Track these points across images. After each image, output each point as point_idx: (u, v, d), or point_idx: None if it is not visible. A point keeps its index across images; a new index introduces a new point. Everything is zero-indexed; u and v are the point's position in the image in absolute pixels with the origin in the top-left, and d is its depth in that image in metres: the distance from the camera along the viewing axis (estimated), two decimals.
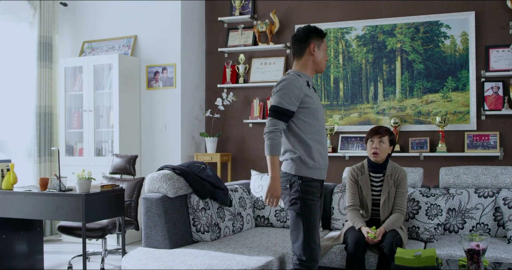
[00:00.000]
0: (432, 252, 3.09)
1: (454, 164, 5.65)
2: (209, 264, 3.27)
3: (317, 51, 3.39)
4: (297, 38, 3.41)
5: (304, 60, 3.40)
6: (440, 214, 4.03)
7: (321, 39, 3.42)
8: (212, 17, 6.96)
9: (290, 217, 3.27)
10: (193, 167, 4.14)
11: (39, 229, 5.09)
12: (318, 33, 3.41)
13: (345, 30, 6.29)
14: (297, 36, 3.41)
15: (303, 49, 3.38)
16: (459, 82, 5.83)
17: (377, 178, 4.04)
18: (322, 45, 3.42)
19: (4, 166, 4.86)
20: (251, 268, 3.26)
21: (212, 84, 6.94)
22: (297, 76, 3.28)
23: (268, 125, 3.19)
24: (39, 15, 6.48)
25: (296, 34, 3.42)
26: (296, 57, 3.43)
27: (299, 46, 3.39)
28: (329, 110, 6.34)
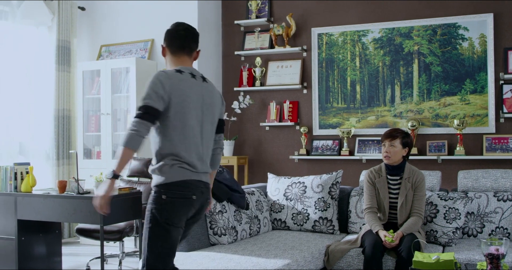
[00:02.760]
0: (450, 256, 3.06)
1: (472, 167, 5.60)
2: (226, 267, 3.27)
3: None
4: (194, 36, 3.08)
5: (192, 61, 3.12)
6: (459, 218, 3.99)
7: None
8: (229, 20, 6.98)
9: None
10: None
11: (57, 231, 5.13)
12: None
13: (361, 32, 6.27)
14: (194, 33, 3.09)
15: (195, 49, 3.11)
16: (477, 84, 5.78)
17: (395, 181, 4.02)
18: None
19: (23, 168, 4.91)
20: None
21: (229, 87, 6.95)
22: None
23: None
24: (57, 19, 6.55)
25: (192, 30, 3.08)
26: (189, 56, 3.07)
27: (195, 45, 3.09)
28: (346, 113, 6.32)
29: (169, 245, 2.87)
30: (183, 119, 2.90)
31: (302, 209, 4.47)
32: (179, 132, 2.89)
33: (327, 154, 6.33)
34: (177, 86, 2.89)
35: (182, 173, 2.87)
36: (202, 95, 2.99)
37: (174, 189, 2.85)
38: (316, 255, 3.82)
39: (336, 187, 4.48)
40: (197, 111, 2.95)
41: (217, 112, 3.09)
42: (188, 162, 2.89)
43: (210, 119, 3.02)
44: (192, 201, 2.89)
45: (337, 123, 6.36)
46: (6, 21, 6.09)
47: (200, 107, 2.97)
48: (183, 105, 2.89)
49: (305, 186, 4.53)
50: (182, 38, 3.03)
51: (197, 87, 2.97)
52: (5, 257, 4.77)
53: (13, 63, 6.14)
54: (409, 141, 4.01)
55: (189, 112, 2.91)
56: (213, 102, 3.05)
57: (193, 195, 2.89)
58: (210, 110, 3.02)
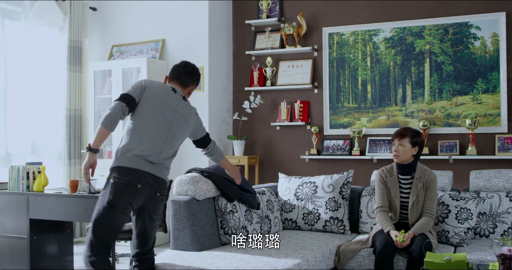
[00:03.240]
0: (462, 256, 3.05)
1: (484, 167, 5.55)
2: (236, 266, 3.27)
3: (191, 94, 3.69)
4: (194, 72, 3.64)
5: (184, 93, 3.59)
6: (471, 218, 3.97)
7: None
8: (239, 20, 6.98)
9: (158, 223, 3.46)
10: (221, 169, 4.15)
11: (69, 230, 5.16)
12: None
13: (373, 32, 6.25)
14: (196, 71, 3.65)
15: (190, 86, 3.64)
16: (489, 84, 5.75)
17: (406, 180, 4.00)
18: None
19: (35, 168, 4.95)
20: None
21: (240, 87, 6.95)
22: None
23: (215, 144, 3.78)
24: (69, 20, 6.58)
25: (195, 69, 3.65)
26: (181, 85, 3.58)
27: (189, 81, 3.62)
28: (357, 113, 6.31)
29: (110, 228, 3.15)
30: (151, 113, 3.30)
31: (313, 209, 4.46)
32: (143, 125, 3.28)
33: (338, 153, 6.32)
34: (154, 89, 3.38)
35: (133, 161, 3.19)
36: (177, 105, 3.42)
37: (122, 174, 3.16)
38: (327, 255, 3.82)
39: (347, 187, 4.47)
40: (171, 113, 3.37)
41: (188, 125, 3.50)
42: (143, 154, 3.21)
43: (179, 126, 3.42)
44: (136, 189, 3.16)
45: (348, 123, 6.35)
46: (18, 22, 6.13)
47: (174, 111, 3.39)
48: (155, 102, 3.33)
49: (316, 186, 4.52)
50: (178, 72, 3.59)
51: (173, 98, 3.42)
52: (17, 256, 4.81)
53: (25, 64, 6.17)
54: (419, 140, 3.98)
55: (161, 110, 3.33)
56: (185, 114, 3.46)
57: (138, 184, 3.17)
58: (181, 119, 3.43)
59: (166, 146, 3.35)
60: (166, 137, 3.35)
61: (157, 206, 3.34)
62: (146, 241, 3.42)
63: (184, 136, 3.53)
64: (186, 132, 3.53)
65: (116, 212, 3.14)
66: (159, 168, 3.30)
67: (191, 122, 3.54)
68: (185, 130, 3.50)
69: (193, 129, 3.59)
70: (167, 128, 3.35)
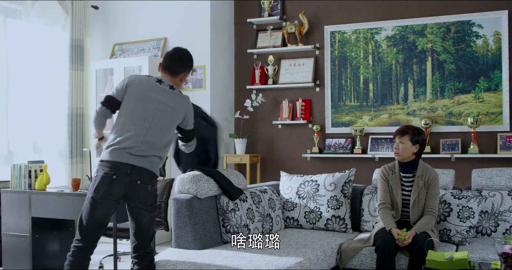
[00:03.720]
0: (464, 255, 3.04)
1: (486, 165, 5.55)
2: (238, 265, 3.27)
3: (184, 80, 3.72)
4: (184, 58, 3.64)
5: (175, 81, 3.63)
6: (472, 217, 3.96)
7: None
8: (241, 18, 6.98)
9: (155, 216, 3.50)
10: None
11: (71, 229, 5.17)
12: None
13: (374, 30, 6.25)
14: (185, 56, 3.65)
15: (181, 72, 3.65)
16: (491, 82, 5.74)
17: (408, 178, 4.00)
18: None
19: (37, 166, 4.95)
20: (280, 268, 3.26)
21: (241, 85, 6.95)
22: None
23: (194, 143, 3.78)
24: (71, 18, 6.58)
25: (184, 53, 3.65)
26: (171, 74, 3.62)
27: (180, 67, 3.63)
28: (359, 111, 6.31)
29: (93, 219, 3.32)
30: (131, 107, 3.43)
31: (315, 207, 4.46)
32: (124, 120, 3.42)
33: (340, 152, 6.32)
34: (137, 83, 3.49)
35: (112, 154, 3.34)
36: (161, 95, 3.47)
37: (103, 167, 3.34)
38: (329, 253, 3.82)
39: (348, 185, 4.47)
40: (152, 104, 3.43)
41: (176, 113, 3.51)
42: (123, 147, 3.33)
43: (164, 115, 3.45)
44: (112, 180, 3.29)
45: (349, 122, 6.35)
46: (20, 21, 6.14)
47: (157, 102, 3.45)
48: (135, 96, 3.44)
49: (318, 184, 4.52)
50: (169, 61, 3.61)
51: (157, 89, 3.48)
52: (19, 254, 4.81)
53: (27, 62, 6.17)
54: (420, 138, 3.97)
55: (142, 103, 3.42)
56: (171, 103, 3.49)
57: (113, 175, 3.30)
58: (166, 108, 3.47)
59: (150, 138, 3.40)
60: (148, 130, 3.41)
61: (140, 194, 3.35)
62: (140, 232, 3.44)
63: (173, 124, 3.54)
64: (175, 120, 3.54)
65: (97, 203, 3.32)
66: (141, 159, 3.36)
67: (180, 110, 3.54)
68: (174, 118, 3.52)
69: (185, 117, 3.60)
70: (149, 121, 3.42)
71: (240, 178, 4.34)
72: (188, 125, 3.64)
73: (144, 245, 3.47)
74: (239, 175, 4.38)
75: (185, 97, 3.63)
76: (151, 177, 3.42)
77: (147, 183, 3.38)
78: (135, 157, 3.34)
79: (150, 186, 3.40)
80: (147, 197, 3.40)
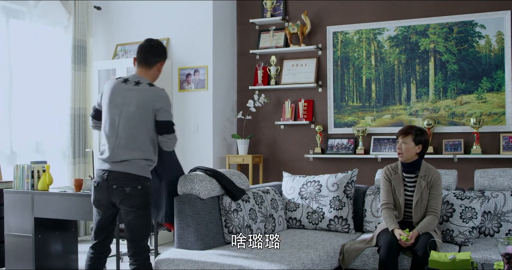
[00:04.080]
0: (467, 255, 3.04)
1: (489, 166, 5.54)
2: (240, 265, 3.27)
3: (161, 70, 3.71)
4: (155, 50, 3.64)
5: (150, 73, 3.63)
6: (475, 217, 3.96)
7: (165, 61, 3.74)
8: (244, 19, 6.98)
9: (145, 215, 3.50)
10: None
11: (73, 229, 5.17)
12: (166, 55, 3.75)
13: (377, 31, 6.25)
14: (156, 47, 3.65)
15: (156, 63, 3.64)
16: (494, 83, 5.73)
17: (410, 178, 4.00)
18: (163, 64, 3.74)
19: (40, 167, 4.95)
20: (282, 269, 3.26)
21: (244, 86, 6.95)
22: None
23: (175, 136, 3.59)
24: (73, 19, 6.59)
25: (154, 45, 3.66)
26: (144, 66, 3.62)
27: (153, 58, 3.63)
28: (361, 111, 6.30)
29: (95, 222, 3.60)
30: (104, 117, 3.55)
31: (317, 208, 4.46)
32: (103, 129, 3.56)
33: (342, 152, 6.31)
34: (106, 90, 3.58)
35: (97, 164, 3.56)
36: (124, 96, 3.50)
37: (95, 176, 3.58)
38: (331, 254, 3.81)
39: (351, 186, 4.47)
40: (116, 109, 3.49)
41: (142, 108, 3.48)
42: (104, 157, 3.48)
43: (128, 115, 3.48)
44: (96, 187, 3.50)
45: (352, 122, 6.34)
46: (23, 21, 6.15)
47: (121, 106, 3.49)
48: (105, 105, 3.55)
49: (320, 185, 4.52)
50: (143, 53, 3.63)
51: (121, 90, 3.52)
52: (22, 255, 4.82)
53: (29, 63, 6.18)
54: (423, 139, 3.97)
55: (109, 111, 3.52)
56: (135, 99, 3.48)
57: (95, 182, 3.50)
58: (130, 108, 3.47)
59: (122, 142, 3.47)
60: (118, 135, 3.48)
61: (118, 196, 3.44)
62: (128, 232, 3.51)
63: (144, 120, 3.49)
64: (144, 116, 3.49)
65: (94, 208, 3.58)
66: (119, 165, 3.45)
67: (146, 103, 3.48)
68: (141, 115, 3.49)
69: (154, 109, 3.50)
70: (117, 127, 3.49)
71: (242, 179, 4.34)
72: (159, 115, 3.51)
73: (135, 245, 3.51)
74: (241, 175, 4.38)
75: (154, 89, 3.55)
76: (129, 179, 3.44)
77: (123, 186, 3.43)
78: (112, 163, 3.46)
79: (129, 188, 3.43)
80: (128, 199, 3.44)
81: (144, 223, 3.52)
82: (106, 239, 3.64)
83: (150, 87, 3.55)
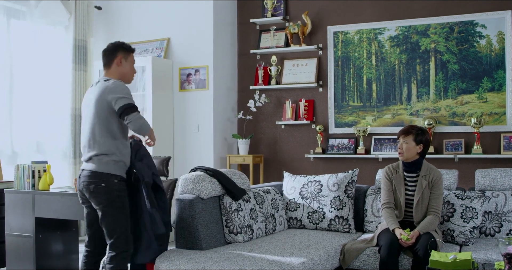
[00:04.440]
0: (468, 255, 3.04)
1: (490, 166, 5.55)
2: (241, 265, 3.27)
3: (124, 63, 3.73)
4: (106, 51, 3.76)
5: (112, 71, 3.72)
6: (476, 217, 3.96)
7: (128, 53, 3.77)
8: (244, 19, 6.98)
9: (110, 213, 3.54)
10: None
11: (74, 229, 5.17)
12: (125, 48, 3.77)
13: (378, 30, 6.24)
14: (106, 48, 3.76)
15: (112, 61, 3.72)
16: (495, 82, 5.73)
17: (411, 178, 4.00)
18: (129, 58, 3.77)
19: (40, 167, 4.95)
20: (283, 269, 3.26)
21: (244, 86, 6.95)
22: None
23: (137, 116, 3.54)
24: (74, 19, 6.59)
25: (106, 48, 3.76)
26: (105, 68, 3.76)
27: (108, 58, 3.74)
28: (362, 111, 6.30)
29: (85, 217, 3.76)
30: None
31: (318, 208, 4.46)
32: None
33: (343, 152, 6.31)
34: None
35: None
36: (87, 98, 3.69)
37: None
38: (332, 254, 3.81)
39: (352, 186, 4.47)
40: (83, 112, 3.71)
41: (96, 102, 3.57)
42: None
43: (89, 114, 3.63)
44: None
45: (353, 122, 6.34)
46: (24, 21, 6.15)
47: (85, 107, 3.68)
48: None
49: (321, 185, 4.52)
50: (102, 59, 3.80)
51: (87, 94, 3.73)
52: (23, 255, 4.82)
53: (30, 63, 6.18)
54: (424, 138, 3.98)
55: (82, 115, 3.74)
56: (93, 97, 3.61)
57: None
58: (90, 107, 3.61)
59: (86, 141, 3.64)
60: (89, 134, 3.62)
61: (87, 194, 3.59)
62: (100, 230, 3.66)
63: (101, 115, 3.57)
64: (101, 112, 3.56)
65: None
66: (86, 164, 3.64)
67: (99, 96, 3.57)
68: (99, 110, 3.57)
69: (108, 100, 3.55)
70: (84, 127, 3.68)
71: (243, 178, 4.35)
72: (115, 105, 3.54)
73: (109, 243, 3.58)
74: (242, 175, 4.38)
75: (106, 83, 3.61)
76: (93, 177, 3.55)
77: (88, 184, 3.56)
78: (84, 163, 3.68)
79: (92, 186, 3.54)
80: (92, 197, 3.57)
81: (110, 221, 3.56)
82: (98, 239, 3.71)
83: (104, 82, 3.64)
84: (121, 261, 3.55)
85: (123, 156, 3.62)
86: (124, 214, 3.58)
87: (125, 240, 3.56)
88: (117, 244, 3.54)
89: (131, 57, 3.79)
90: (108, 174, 3.54)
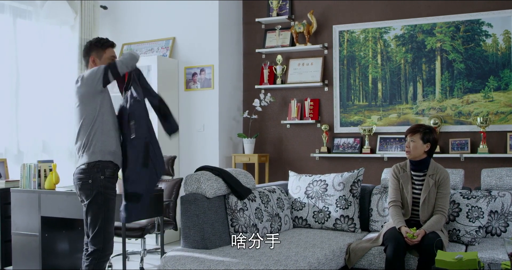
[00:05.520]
0: (474, 255, 3.03)
1: (496, 165, 5.52)
2: (246, 265, 3.27)
3: (98, 62, 3.76)
4: (82, 52, 3.87)
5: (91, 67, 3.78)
6: (482, 217, 3.95)
7: (102, 50, 3.78)
8: (250, 18, 6.98)
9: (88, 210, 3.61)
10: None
11: (80, 228, 5.18)
12: (97, 45, 3.77)
13: (383, 30, 6.23)
14: (83, 49, 3.85)
15: (87, 62, 3.81)
16: (501, 81, 5.71)
17: (418, 177, 4.00)
18: (104, 55, 3.79)
19: (46, 166, 4.97)
20: (289, 268, 3.26)
21: (250, 85, 6.95)
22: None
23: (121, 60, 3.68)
24: (80, 18, 6.60)
25: (88, 45, 3.81)
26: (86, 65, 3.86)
27: (84, 59, 3.85)
28: (368, 110, 6.29)
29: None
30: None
31: (323, 207, 4.46)
32: None
33: (348, 151, 6.30)
34: None
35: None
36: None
37: None
38: (337, 253, 3.81)
39: (357, 185, 4.46)
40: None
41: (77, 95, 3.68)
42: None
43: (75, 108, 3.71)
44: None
45: (358, 121, 6.33)
46: (30, 21, 6.16)
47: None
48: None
49: (326, 184, 4.52)
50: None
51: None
52: (29, 253, 4.84)
53: (36, 62, 6.20)
54: (431, 137, 3.98)
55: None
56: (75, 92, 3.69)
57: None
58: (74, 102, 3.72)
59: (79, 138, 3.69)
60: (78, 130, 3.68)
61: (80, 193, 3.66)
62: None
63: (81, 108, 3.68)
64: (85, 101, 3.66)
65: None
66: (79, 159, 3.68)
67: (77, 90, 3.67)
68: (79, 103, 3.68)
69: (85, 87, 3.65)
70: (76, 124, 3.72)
71: (248, 178, 4.35)
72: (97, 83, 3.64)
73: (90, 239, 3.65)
74: (247, 174, 4.39)
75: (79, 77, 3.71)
76: (80, 173, 3.64)
77: (76, 180, 3.65)
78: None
79: (80, 183, 3.62)
80: (80, 193, 3.67)
81: (90, 218, 3.64)
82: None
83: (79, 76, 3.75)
84: (97, 262, 3.61)
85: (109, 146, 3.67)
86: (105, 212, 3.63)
87: (103, 237, 3.63)
88: (98, 244, 3.62)
89: (107, 52, 3.81)
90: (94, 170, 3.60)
